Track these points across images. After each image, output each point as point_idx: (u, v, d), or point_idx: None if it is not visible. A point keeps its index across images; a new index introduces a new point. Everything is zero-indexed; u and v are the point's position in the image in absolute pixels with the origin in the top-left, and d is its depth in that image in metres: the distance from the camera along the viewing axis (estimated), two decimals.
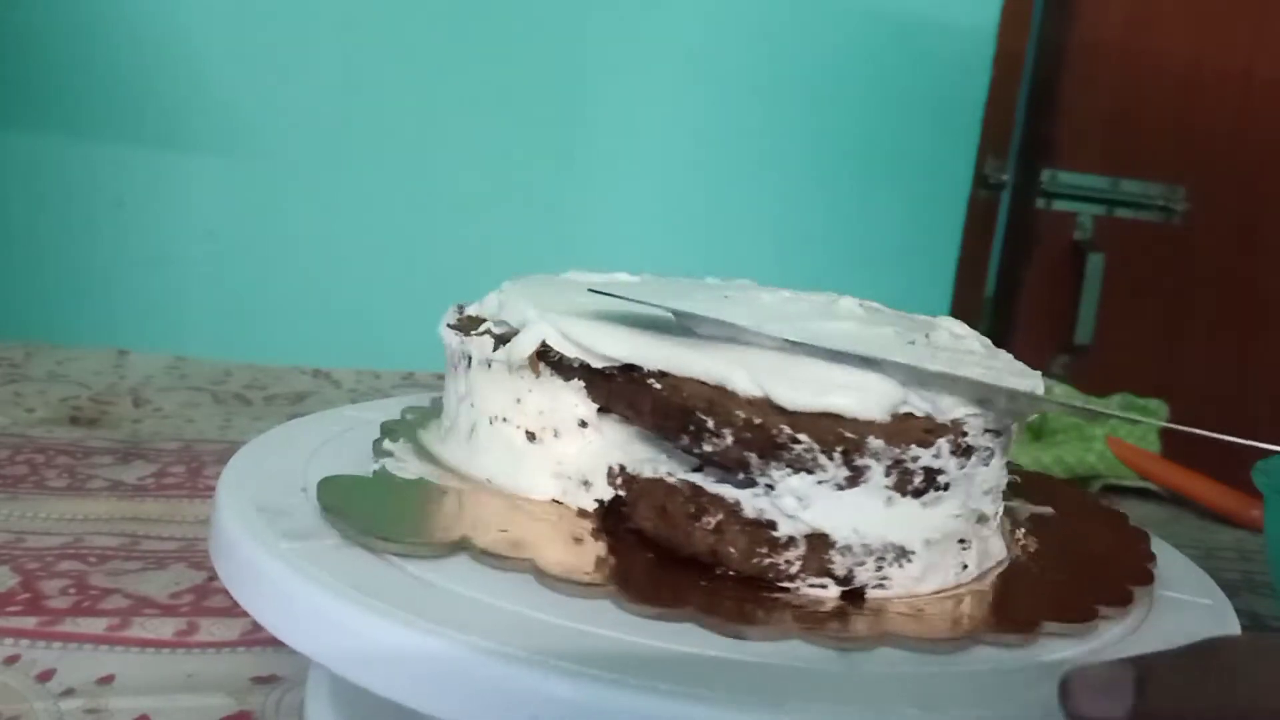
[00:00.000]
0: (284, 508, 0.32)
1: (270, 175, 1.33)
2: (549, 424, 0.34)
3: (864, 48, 1.49)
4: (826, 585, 0.30)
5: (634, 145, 1.45)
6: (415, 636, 0.25)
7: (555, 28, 1.40)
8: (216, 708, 0.39)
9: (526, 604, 0.27)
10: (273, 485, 0.33)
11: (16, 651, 0.41)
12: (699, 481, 0.30)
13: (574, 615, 0.27)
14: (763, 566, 0.29)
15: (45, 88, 1.27)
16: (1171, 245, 1.58)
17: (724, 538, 0.30)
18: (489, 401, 0.35)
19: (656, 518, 0.31)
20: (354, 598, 0.26)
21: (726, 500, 0.29)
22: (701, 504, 0.30)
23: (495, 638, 0.25)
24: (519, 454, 0.34)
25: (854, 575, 0.30)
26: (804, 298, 0.40)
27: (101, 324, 1.24)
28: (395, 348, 0.89)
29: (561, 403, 0.34)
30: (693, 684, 0.24)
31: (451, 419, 0.37)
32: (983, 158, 1.55)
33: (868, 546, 0.29)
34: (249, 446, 0.37)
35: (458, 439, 0.36)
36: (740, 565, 0.30)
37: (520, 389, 0.34)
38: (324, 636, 0.26)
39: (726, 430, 0.29)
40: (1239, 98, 1.54)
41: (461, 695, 0.24)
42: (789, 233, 1.50)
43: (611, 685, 0.24)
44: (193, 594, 0.47)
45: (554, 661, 0.24)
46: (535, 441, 0.34)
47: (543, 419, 0.34)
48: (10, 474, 0.60)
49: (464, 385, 0.36)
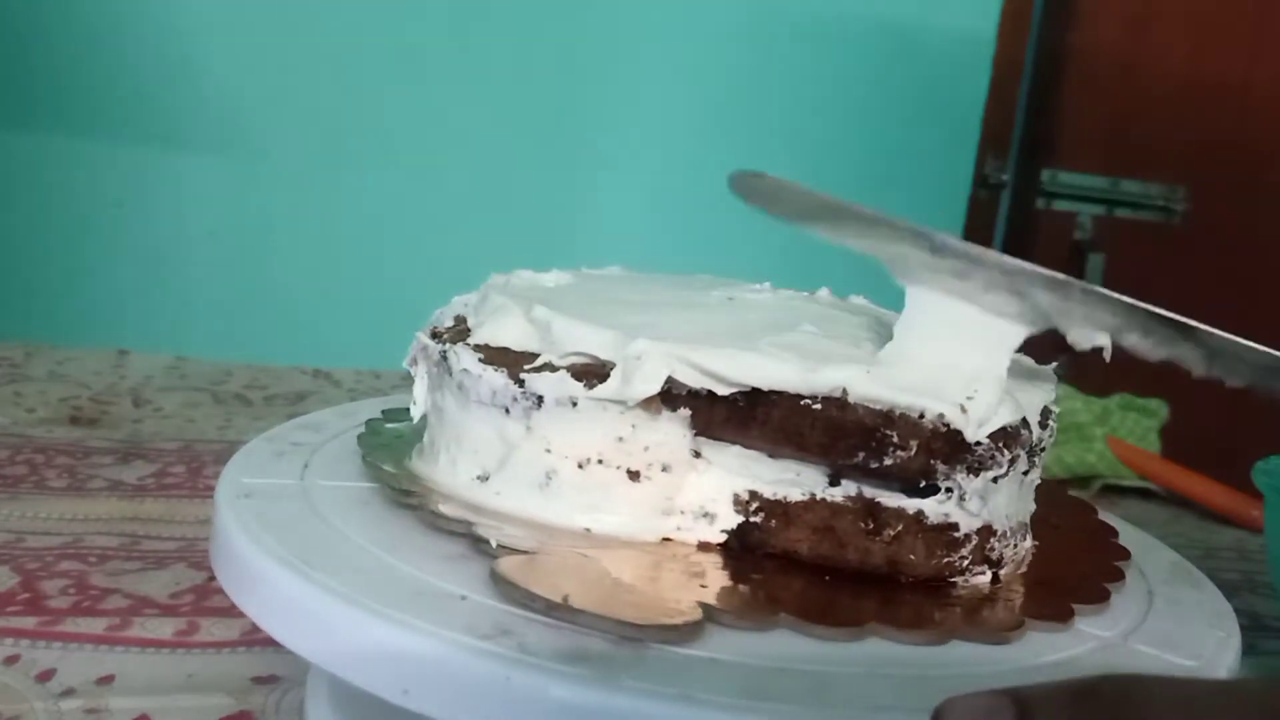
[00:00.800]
0: (286, 507, 0.32)
1: (270, 175, 1.33)
2: (655, 459, 0.31)
3: (864, 49, 1.49)
4: (985, 572, 0.32)
5: (633, 146, 1.45)
6: (415, 638, 0.25)
7: (555, 29, 1.40)
8: (216, 708, 0.39)
9: (520, 605, 0.27)
10: (274, 485, 0.33)
11: (16, 651, 0.41)
12: (874, 496, 0.31)
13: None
14: (941, 566, 0.31)
15: (45, 88, 1.27)
16: (1171, 245, 1.58)
17: (903, 546, 0.31)
18: (577, 444, 0.31)
19: (817, 538, 0.31)
20: (355, 600, 0.26)
21: (908, 511, 0.30)
22: (881, 518, 0.31)
23: (494, 639, 0.25)
24: (622, 496, 0.31)
25: (1003, 558, 0.32)
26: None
27: (101, 324, 1.24)
28: (395, 348, 0.89)
29: (670, 435, 0.31)
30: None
31: (493, 462, 0.32)
32: (983, 158, 1.55)
33: (1012, 529, 0.32)
34: (250, 445, 0.37)
35: (517, 486, 0.32)
36: (921, 569, 0.31)
37: (622, 427, 0.31)
38: (324, 639, 0.26)
39: (913, 442, 0.30)
40: (1239, 98, 1.54)
41: (458, 696, 0.24)
42: (788, 233, 1.50)
43: (608, 687, 0.23)
44: (193, 594, 0.47)
45: (553, 664, 0.24)
46: (640, 480, 0.31)
47: (649, 454, 0.31)
48: (10, 474, 0.60)
49: (522, 427, 0.32)
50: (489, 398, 0.32)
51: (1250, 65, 1.53)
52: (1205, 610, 0.33)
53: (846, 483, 0.31)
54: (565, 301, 0.35)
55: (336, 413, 0.42)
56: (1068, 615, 0.30)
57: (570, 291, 0.38)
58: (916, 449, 0.30)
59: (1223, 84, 1.53)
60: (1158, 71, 1.52)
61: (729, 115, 1.47)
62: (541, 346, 0.33)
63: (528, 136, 1.41)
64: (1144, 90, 1.53)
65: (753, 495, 0.31)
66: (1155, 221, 1.58)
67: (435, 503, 0.31)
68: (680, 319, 0.35)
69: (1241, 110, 1.54)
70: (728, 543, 0.32)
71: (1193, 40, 1.52)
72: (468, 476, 0.33)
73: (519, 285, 0.38)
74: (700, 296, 0.39)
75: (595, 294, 0.38)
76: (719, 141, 1.48)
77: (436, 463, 0.34)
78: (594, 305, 0.35)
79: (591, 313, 0.33)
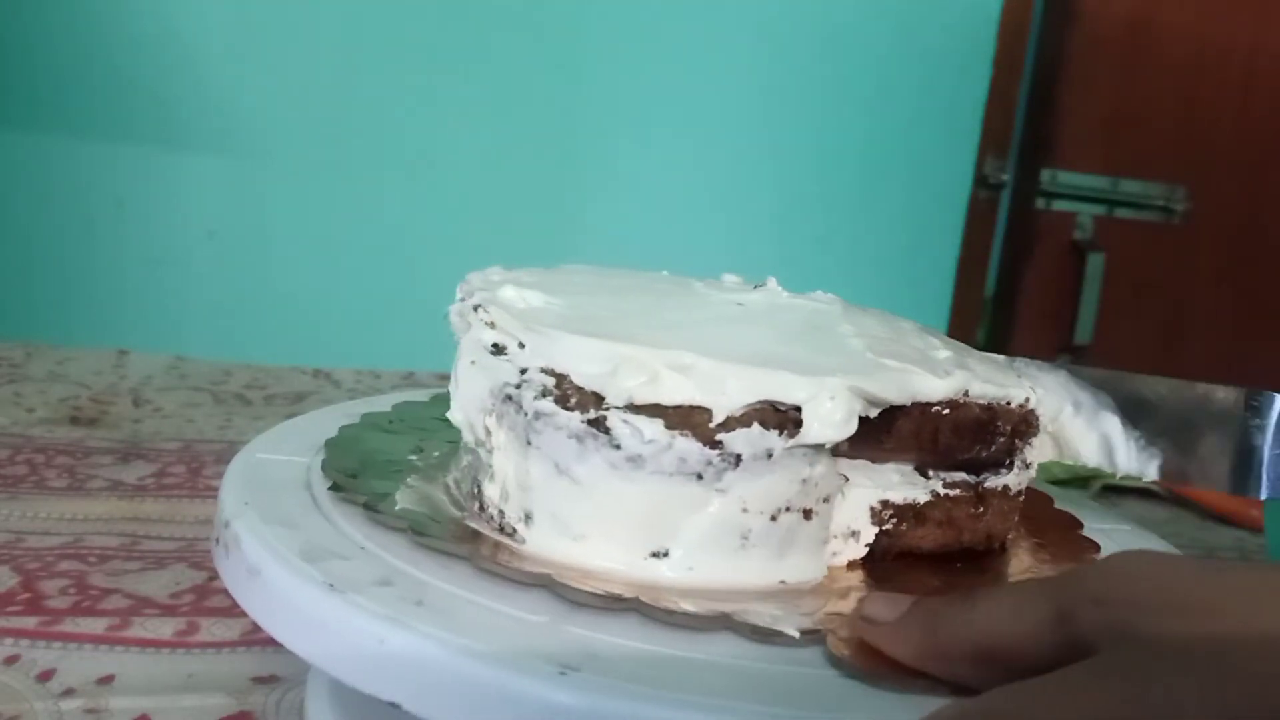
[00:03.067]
0: (289, 509, 0.32)
1: (270, 175, 1.33)
2: (821, 493, 0.31)
3: (865, 47, 1.49)
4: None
5: (634, 144, 1.45)
6: (414, 641, 0.25)
7: (556, 28, 1.40)
8: (217, 708, 0.39)
9: (521, 608, 0.27)
10: (277, 485, 0.33)
11: (16, 651, 0.41)
12: (979, 482, 0.34)
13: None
14: (1011, 527, 0.36)
15: (45, 88, 1.27)
16: (1172, 245, 1.58)
17: (996, 518, 0.35)
18: (771, 496, 0.30)
19: (940, 531, 0.34)
20: (357, 603, 0.26)
21: (998, 488, 0.35)
22: (986, 499, 0.35)
23: (493, 642, 0.25)
24: (802, 538, 0.31)
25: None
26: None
27: (101, 324, 1.24)
28: (395, 348, 0.89)
29: (828, 465, 0.31)
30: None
31: (675, 535, 0.30)
32: (983, 158, 1.55)
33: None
34: (252, 445, 0.37)
35: (710, 555, 0.30)
36: (1002, 535, 0.36)
37: (805, 469, 0.30)
38: (323, 641, 0.26)
39: (1008, 426, 0.34)
40: (1239, 98, 1.54)
41: (458, 700, 0.24)
42: (789, 233, 1.50)
43: (610, 692, 0.23)
44: (193, 594, 0.47)
45: (551, 667, 0.24)
46: (811, 517, 0.31)
47: (818, 490, 0.31)
48: (10, 474, 0.60)
49: (713, 490, 0.29)
50: (675, 466, 0.29)
51: (1252, 65, 1.53)
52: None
53: (956, 474, 0.34)
54: (607, 327, 0.32)
55: (337, 412, 0.42)
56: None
57: (582, 315, 0.33)
58: (1010, 432, 0.34)
59: (1223, 84, 1.53)
60: (1158, 71, 1.52)
61: (729, 115, 1.47)
62: (692, 396, 0.29)
63: (528, 136, 1.41)
64: (1144, 90, 1.53)
65: (885, 504, 0.33)
66: (1155, 221, 1.58)
67: (613, 591, 0.28)
68: (750, 338, 0.33)
69: (1242, 110, 1.54)
70: (866, 556, 0.33)
71: (1193, 41, 1.52)
72: (637, 555, 0.30)
73: (505, 311, 0.33)
74: (699, 301, 0.38)
75: (627, 315, 0.34)
76: (719, 141, 1.48)
77: (562, 539, 0.30)
78: (658, 331, 0.32)
79: (682, 342, 0.31)
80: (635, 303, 0.36)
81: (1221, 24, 1.52)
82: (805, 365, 0.30)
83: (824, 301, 0.39)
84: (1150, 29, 1.52)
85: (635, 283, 0.39)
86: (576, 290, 0.36)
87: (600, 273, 0.40)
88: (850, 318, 0.37)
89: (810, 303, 0.39)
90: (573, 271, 0.39)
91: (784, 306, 0.38)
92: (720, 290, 0.39)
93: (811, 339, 0.34)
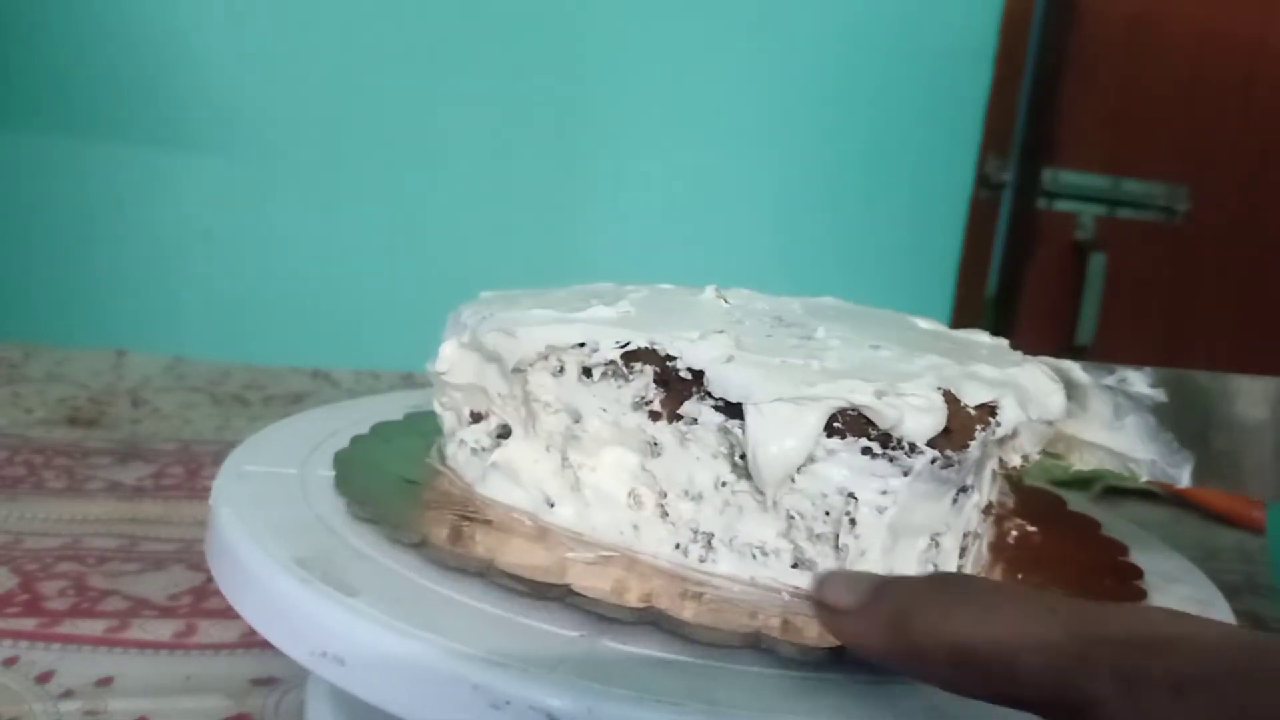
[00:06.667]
0: (283, 510, 0.32)
1: (268, 175, 1.33)
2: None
3: (864, 47, 1.49)
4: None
5: (634, 143, 1.45)
6: (413, 645, 0.25)
7: (556, 29, 1.40)
8: (215, 709, 0.39)
9: (519, 611, 0.27)
10: (271, 487, 0.33)
11: (15, 653, 0.41)
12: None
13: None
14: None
15: (45, 88, 1.26)
16: (1173, 245, 1.57)
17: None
18: (978, 503, 0.31)
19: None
20: (355, 606, 0.26)
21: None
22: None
23: (491, 646, 0.25)
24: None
25: None
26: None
27: (100, 324, 1.24)
28: (395, 348, 0.89)
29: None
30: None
31: (935, 553, 0.29)
32: (984, 157, 1.54)
33: None
34: (245, 445, 0.37)
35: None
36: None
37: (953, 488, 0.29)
38: (322, 644, 0.26)
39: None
40: (1242, 98, 1.54)
41: (456, 704, 0.24)
42: (789, 233, 1.50)
43: (602, 696, 0.23)
44: (191, 595, 0.47)
45: (549, 672, 0.24)
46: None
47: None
48: (9, 475, 0.60)
49: (950, 504, 0.29)
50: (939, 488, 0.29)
51: (1254, 65, 1.53)
52: (1206, 613, 0.33)
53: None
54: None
55: (332, 411, 0.42)
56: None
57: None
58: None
59: (1225, 83, 1.53)
60: (1159, 71, 1.52)
61: (729, 114, 1.47)
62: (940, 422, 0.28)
63: (529, 137, 1.41)
64: (1145, 90, 1.53)
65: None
66: (1157, 221, 1.58)
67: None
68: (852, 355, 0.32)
69: (1244, 110, 1.54)
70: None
71: (1195, 41, 1.52)
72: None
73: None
74: (710, 308, 0.36)
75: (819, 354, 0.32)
76: (719, 141, 1.47)
77: (771, 563, 0.29)
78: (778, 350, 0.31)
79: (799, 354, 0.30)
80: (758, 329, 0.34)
81: (1224, 24, 1.52)
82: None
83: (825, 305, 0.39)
84: (1152, 28, 1.52)
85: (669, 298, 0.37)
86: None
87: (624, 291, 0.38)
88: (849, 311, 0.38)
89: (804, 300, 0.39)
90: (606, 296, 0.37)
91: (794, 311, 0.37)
92: (681, 294, 0.38)
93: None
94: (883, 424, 0.27)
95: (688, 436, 0.29)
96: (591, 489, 0.31)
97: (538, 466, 0.32)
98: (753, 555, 0.29)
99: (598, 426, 0.30)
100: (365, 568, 0.28)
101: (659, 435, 0.30)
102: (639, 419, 0.30)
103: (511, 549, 0.30)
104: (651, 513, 0.30)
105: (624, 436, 0.30)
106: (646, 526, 0.30)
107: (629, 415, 0.30)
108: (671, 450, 0.29)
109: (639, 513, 0.30)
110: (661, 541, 0.30)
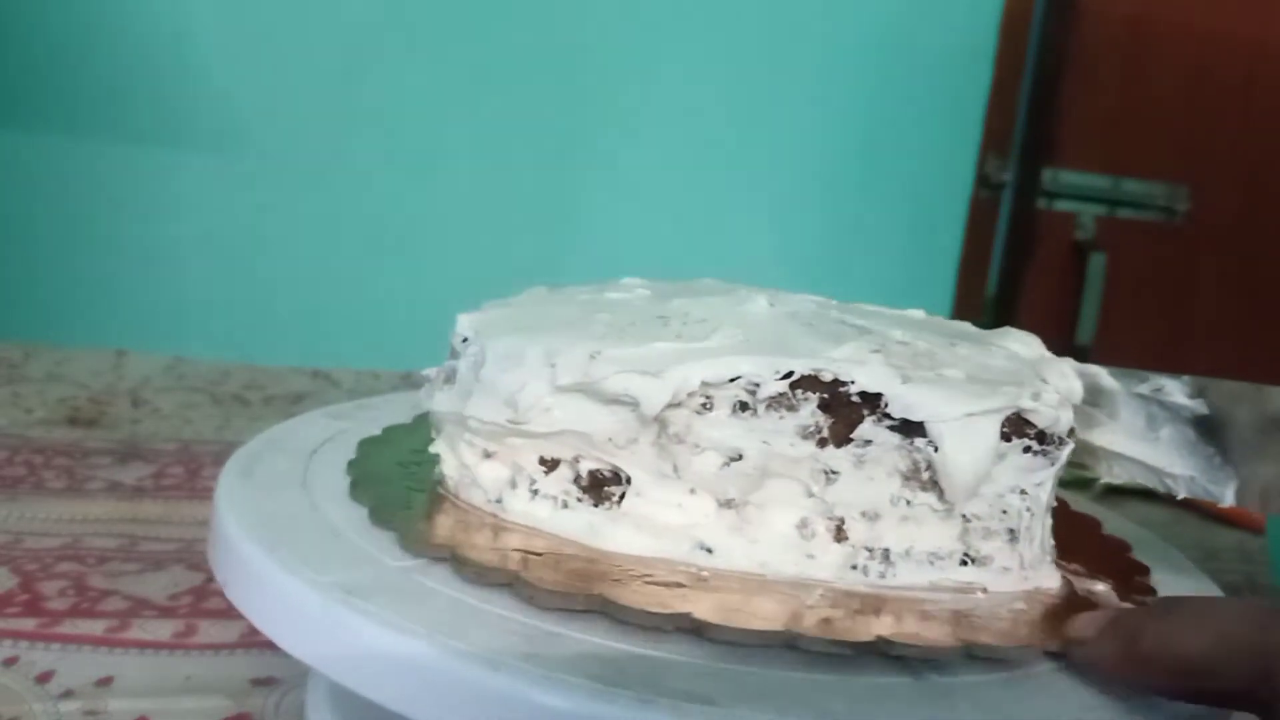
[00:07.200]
0: (284, 510, 0.32)
1: (269, 175, 1.33)
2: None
3: (864, 47, 1.49)
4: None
5: (633, 143, 1.45)
6: (413, 644, 0.25)
7: (559, 30, 1.40)
8: (216, 710, 0.39)
9: (518, 611, 0.27)
10: (272, 487, 0.33)
11: (15, 653, 0.41)
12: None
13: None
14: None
15: (45, 88, 1.26)
16: (1174, 245, 1.57)
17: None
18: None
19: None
20: (354, 605, 0.26)
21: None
22: None
23: (491, 645, 0.25)
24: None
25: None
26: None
27: (100, 324, 1.24)
28: (395, 348, 0.89)
29: None
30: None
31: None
32: (984, 157, 1.54)
33: None
34: (249, 444, 0.37)
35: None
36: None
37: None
38: (322, 645, 0.26)
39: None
40: (1242, 98, 1.54)
41: (457, 703, 0.24)
42: (789, 233, 1.50)
43: (603, 697, 0.23)
44: (191, 595, 0.47)
45: (548, 671, 0.24)
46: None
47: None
48: (9, 475, 0.60)
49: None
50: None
51: (1254, 65, 1.53)
52: None
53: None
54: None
55: (331, 412, 0.42)
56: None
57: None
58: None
59: (1225, 83, 1.53)
60: (1159, 71, 1.52)
61: (729, 114, 1.47)
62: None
63: (529, 137, 1.41)
64: (1145, 90, 1.53)
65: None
66: (1157, 221, 1.58)
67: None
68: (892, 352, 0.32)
69: (1244, 110, 1.54)
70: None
71: (1196, 40, 1.52)
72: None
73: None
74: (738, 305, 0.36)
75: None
76: (719, 140, 1.47)
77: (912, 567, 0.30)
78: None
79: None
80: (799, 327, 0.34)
81: (1224, 24, 1.52)
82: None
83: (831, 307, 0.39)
84: (1152, 28, 1.52)
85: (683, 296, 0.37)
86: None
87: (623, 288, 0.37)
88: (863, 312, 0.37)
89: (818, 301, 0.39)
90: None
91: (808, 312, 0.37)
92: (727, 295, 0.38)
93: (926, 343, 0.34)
94: (1040, 423, 0.30)
95: (864, 459, 0.29)
96: (756, 525, 0.30)
97: (683, 512, 0.30)
98: (930, 562, 0.30)
99: (760, 461, 0.29)
100: (368, 568, 0.28)
101: (833, 462, 0.29)
102: (808, 448, 0.29)
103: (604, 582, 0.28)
104: (825, 538, 0.30)
105: (790, 467, 0.29)
106: (822, 553, 0.30)
107: (797, 445, 0.29)
108: (848, 474, 0.29)
109: (812, 542, 0.30)
110: (840, 566, 0.30)
